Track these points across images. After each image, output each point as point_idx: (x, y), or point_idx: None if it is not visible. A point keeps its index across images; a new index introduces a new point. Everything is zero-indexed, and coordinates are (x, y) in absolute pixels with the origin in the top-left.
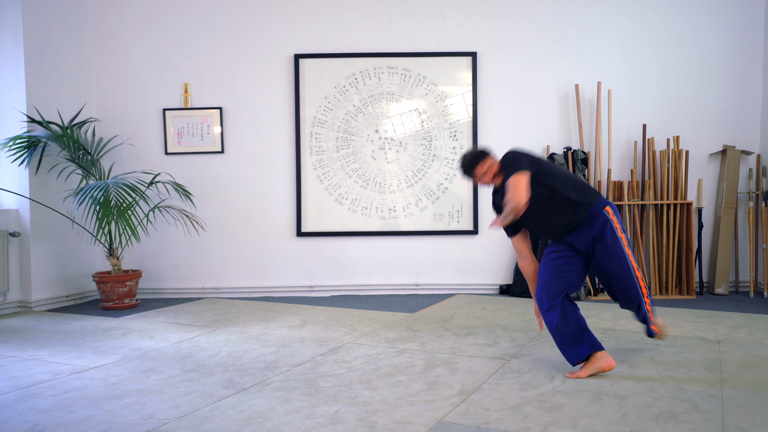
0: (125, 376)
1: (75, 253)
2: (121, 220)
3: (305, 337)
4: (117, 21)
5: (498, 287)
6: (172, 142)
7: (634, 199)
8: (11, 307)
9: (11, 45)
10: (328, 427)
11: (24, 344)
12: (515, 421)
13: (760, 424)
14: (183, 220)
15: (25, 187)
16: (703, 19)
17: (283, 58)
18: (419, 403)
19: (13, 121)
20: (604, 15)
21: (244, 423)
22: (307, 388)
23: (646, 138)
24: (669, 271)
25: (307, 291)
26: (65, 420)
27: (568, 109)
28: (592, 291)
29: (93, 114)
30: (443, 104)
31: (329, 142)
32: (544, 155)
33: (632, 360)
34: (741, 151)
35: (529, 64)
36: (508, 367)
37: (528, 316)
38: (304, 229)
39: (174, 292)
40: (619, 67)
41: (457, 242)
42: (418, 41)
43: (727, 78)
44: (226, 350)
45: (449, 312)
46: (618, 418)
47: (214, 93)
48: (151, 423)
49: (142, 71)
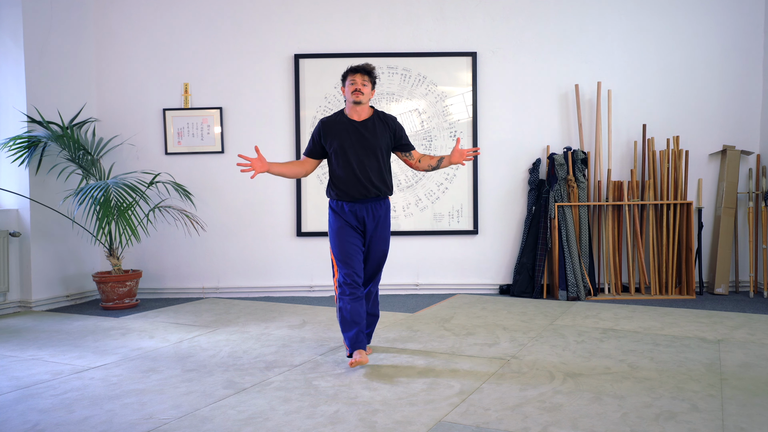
0: (125, 376)
1: (75, 253)
2: (121, 220)
3: (305, 337)
4: (117, 21)
5: (498, 287)
6: (172, 142)
7: (634, 199)
8: (11, 307)
9: (11, 45)
10: (328, 427)
11: (24, 344)
12: (515, 421)
13: (760, 424)
14: (183, 220)
15: (25, 187)
16: (703, 19)
17: (283, 58)
18: (419, 403)
19: (13, 121)
20: (604, 15)
21: (244, 423)
22: (307, 388)
23: (646, 138)
24: (669, 271)
25: (307, 291)
26: (65, 420)
27: (568, 109)
28: (591, 291)
29: (93, 114)
30: (443, 104)
31: None
32: (544, 155)
33: (632, 360)
34: (741, 151)
35: (529, 64)
36: (508, 367)
37: (528, 316)
38: (304, 229)
39: (174, 292)
40: (619, 67)
41: (457, 242)
42: (418, 41)
43: (727, 78)
44: (226, 350)
45: (449, 312)
46: (618, 418)
47: (214, 93)
48: (151, 423)
49: (142, 71)
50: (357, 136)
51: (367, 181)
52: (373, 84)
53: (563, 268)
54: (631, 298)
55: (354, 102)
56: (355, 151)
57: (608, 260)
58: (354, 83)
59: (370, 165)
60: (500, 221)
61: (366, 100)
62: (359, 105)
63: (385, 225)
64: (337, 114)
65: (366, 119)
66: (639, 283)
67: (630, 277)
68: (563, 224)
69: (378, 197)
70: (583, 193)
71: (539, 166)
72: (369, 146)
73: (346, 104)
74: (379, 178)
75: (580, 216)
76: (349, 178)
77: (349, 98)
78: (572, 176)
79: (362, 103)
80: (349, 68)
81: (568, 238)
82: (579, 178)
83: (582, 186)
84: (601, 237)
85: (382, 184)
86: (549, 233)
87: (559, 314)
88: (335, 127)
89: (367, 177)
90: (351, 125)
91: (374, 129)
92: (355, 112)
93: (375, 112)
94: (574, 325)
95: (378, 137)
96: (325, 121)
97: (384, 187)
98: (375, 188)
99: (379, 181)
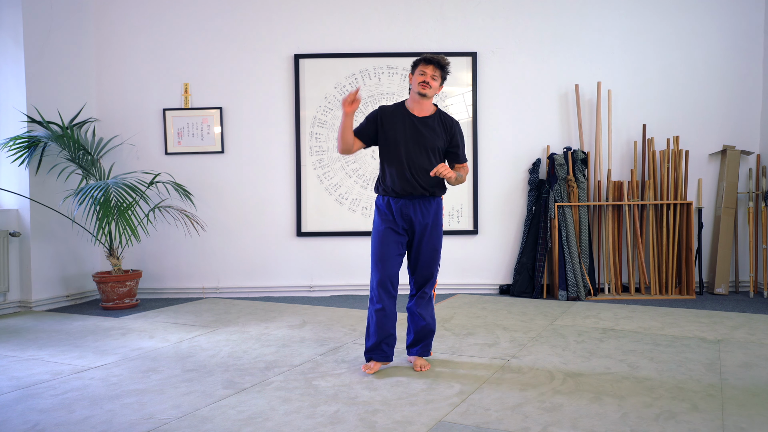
0: (125, 376)
1: (75, 253)
2: (121, 220)
3: (305, 337)
4: (117, 21)
5: (498, 287)
6: (172, 142)
7: (634, 199)
8: (11, 307)
9: (11, 45)
10: (328, 427)
11: (24, 344)
12: (515, 421)
13: (760, 424)
14: (183, 220)
15: (25, 187)
16: (703, 19)
17: (283, 58)
18: (419, 403)
19: (13, 121)
20: (604, 15)
21: (244, 423)
22: (307, 388)
23: (646, 138)
24: (669, 271)
25: (307, 291)
26: (65, 420)
27: (568, 109)
28: (591, 291)
29: (93, 114)
30: (443, 104)
31: (329, 142)
32: (543, 155)
33: (632, 360)
34: (741, 151)
35: (529, 64)
36: (508, 367)
37: (528, 316)
38: (304, 229)
39: (174, 292)
40: (619, 67)
41: (458, 242)
42: (418, 41)
43: (727, 78)
44: (226, 350)
45: (449, 312)
46: (618, 418)
47: (214, 93)
48: (151, 423)
49: (142, 71)
50: (413, 131)
51: (416, 180)
52: (443, 80)
53: (563, 268)
54: (631, 298)
55: (419, 93)
56: (408, 146)
57: (608, 260)
58: (424, 74)
59: (422, 163)
60: (500, 221)
61: (432, 94)
62: (424, 98)
63: (436, 222)
64: (398, 105)
65: (427, 116)
66: (639, 283)
67: (630, 277)
68: (563, 224)
69: (425, 196)
70: (583, 193)
71: (539, 166)
72: (424, 144)
73: (410, 94)
74: (429, 178)
75: (580, 216)
76: (399, 174)
77: (415, 88)
78: (572, 176)
79: (427, 97)
80: (423, 57)
81: (568, 238)
82: (579, 178)
83: (582, 186)
84: (601, 237)
85: (431, 185)
86: (549, 233)
87: (559, 314)
88: (393, 118)
89: (417, 175)
90: (409, 119)
91: (433, 128)
92: (417, 105)
93: (438, 110)
94: (574, 325)
95: (436, 137)
96: (384, 108)
97: (434, 188)
98: (422, 188)
99: (429, 182)
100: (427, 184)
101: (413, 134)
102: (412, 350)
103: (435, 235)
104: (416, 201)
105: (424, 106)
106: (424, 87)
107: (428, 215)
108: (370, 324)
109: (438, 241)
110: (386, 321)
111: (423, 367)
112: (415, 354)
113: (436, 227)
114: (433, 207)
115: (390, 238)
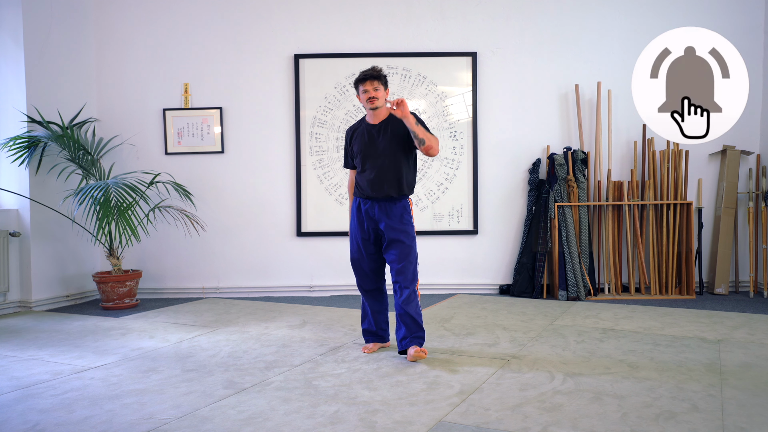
0: (125, 376)
1: (75, 253)
2: (121, 220)
3: (305, 337)
4: (117, 21)
5: (498, 287)
6: (172, 142)
7: (634, 199)
8: (11, 307)
9: (11, 45)
10: (328, 427)
11: (24, 344)
12: (515, 421)
13: (760, 424)
14: (183, 220)
15: (25, 187)
16: (703, 19)
17: (283, 58)
18: (419, 403)
19: (13, 121)
20: (604, 15)
21: (244, 423)
22: (307, 388)
23: (646, 138)
24: (669, 271)
25: (307, 291)
26: (65, 420)
27: (568, 109)
28: (591, 291)
29: (93, 114)
30: (443, 104)
31: (329, 142)
32: (543, 155)
33: (632, 360)
34: (741, 151)
35: (529, 64)
36: (508, 367)
37: (528, 316)
38: (304, 229)
39: (174, 292)
40: (619, 67)
41: (457, 242)
42: (418, 41)
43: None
44: (226, 350)
45: (449, 312)
46: (618, 418)
47: (214, 93)
48: (151, 423)
49: (142, 71)
50: (370, 139)
51: (382, 183)
52: (385, 84)
53: (563, 268)
54: (631, 298)
55: (371, 109)
56: (368, 154)
57: (608, 260)
58: (367, 92)
59: (384, 167)
60: (500, 221)
61: (382, 103)
62: (377, 110)
63: (399, 218)
64: (360, 120)
65: (380, 122)
66: (639, 283)
67: (630, 277)
68: (563, 224)
69: (391, 198)
70: (583, 193)
71: (539, 166)
72: (381, 148)
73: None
74: (393, 179)
75: (580, 216)
76: (367, 179)
77: (366, 105)
78: (572, 176)
79: (379, 107)
80: (357, 78)
81: (568, 238)
82: (579, 178)
83: (582, 186)
84: (601, 237)
85: (396, 187)
86: (549, 233)
87: (559, 314)
88: (356, 134)
89: (381, 179)
90: (366, 130)
91: (387, 130)
92: (374, 115)
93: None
94: (574, 325)
95: (389, 138)
96: (348, 131)
97: (398, 189)
98: (388, 189)
99: (394, 183)
100: (393, 185)
101: (371, 142)
102: (402, 343)
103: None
104: (382, 203)
105: (380, 114)
106: (373, 102)
107: (393, 214)
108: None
109: (400, 234)
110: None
111: (416, 356)
112: (405, 346)
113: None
114: (398, 207)
115: (361, 243)
